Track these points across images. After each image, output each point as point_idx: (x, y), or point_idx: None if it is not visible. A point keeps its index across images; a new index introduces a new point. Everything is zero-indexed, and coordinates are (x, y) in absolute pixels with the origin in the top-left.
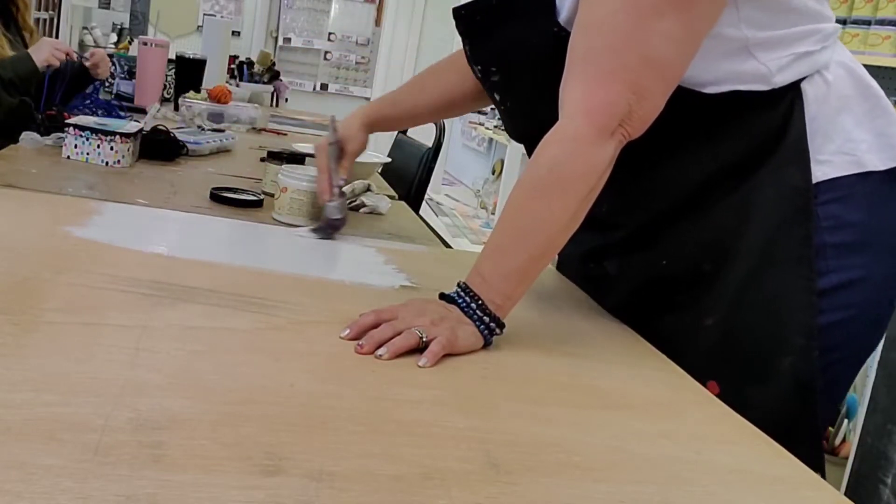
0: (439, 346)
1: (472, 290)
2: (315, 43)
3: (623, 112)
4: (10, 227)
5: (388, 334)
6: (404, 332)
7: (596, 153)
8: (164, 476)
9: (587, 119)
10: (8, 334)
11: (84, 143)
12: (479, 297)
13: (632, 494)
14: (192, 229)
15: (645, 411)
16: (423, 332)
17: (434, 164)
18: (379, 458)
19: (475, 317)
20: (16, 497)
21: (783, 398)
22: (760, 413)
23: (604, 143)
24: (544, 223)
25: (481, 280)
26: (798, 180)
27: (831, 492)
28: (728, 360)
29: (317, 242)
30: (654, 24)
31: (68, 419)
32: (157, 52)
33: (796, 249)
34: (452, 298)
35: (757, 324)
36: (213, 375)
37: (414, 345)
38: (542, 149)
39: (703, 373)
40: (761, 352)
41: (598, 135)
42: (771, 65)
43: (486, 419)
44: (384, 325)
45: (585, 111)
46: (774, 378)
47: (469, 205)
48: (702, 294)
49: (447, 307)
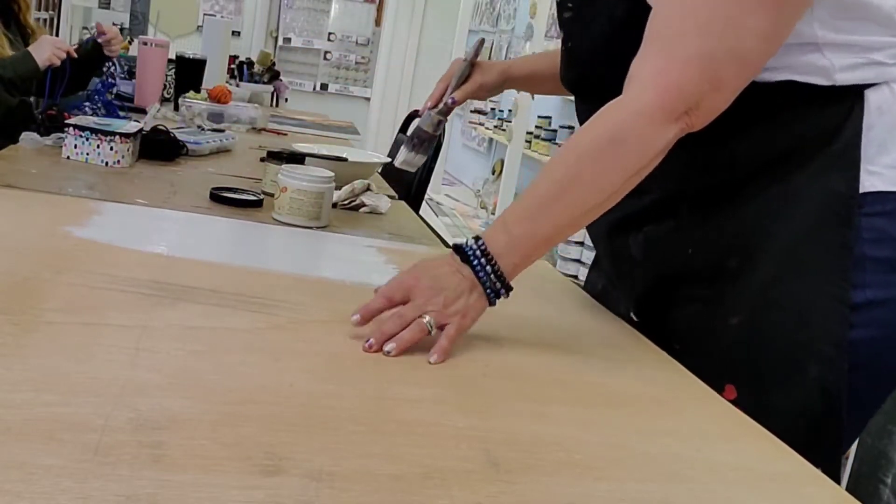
0: (449, 342)
1: (489, 252)
2: (315, 43)
3: (694, 100)
4: (10, 227)
5: (396, 328)
6: (412, 325)
7: (657, 133)
8: (164, 476)
9: (658, 97)
10: (8, 334)
11: (84, 143)
12: (494, 261)
13: (632, 493)
14: (192, 229)
15: (645, 409)
16: (433, 321)
17: (434, 164)
18: (379, 458)
19: (487, 282)
20: (16, 497)
21: (807, 407)
22: (782, 421)
23: (667, 125)
24: (590, 189)
25: (507, 239)
26: (841, 186)
27: (833, 488)
28: (750, 363)
29: (317, 242)
30: (747, 18)
31: (68, 419)
32: (157, 52)
33: (830, 256)
34: (466, 256)
35: (784, 328)
36: (213, 375)
37: (422, 338)
38: (603, 115)
39: (721, 373)
40: (786, 358)
41: (664, 115)
42: (836, 62)
43: (486, 418)
44: (393, 315)
45: (658, 88)
46: (799, 386)
47: (469, 205)
48: (726, 290)
49: (460, 270)
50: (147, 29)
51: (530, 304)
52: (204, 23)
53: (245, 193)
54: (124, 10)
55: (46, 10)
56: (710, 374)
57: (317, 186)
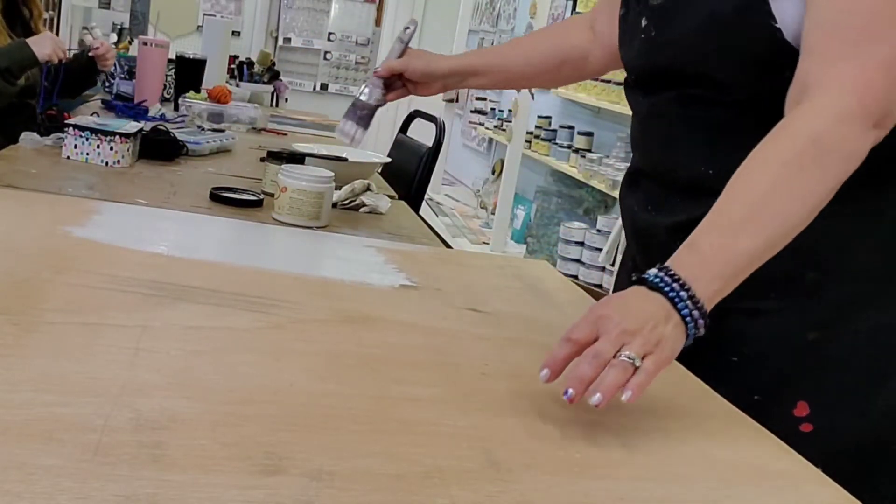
0: (648, 377)
1: (679, 277)
2: (315, 43)
3: (890, 108)
4: (10, 227)
5: (594, 370)
6: (613, 365)
7: (862, 139)
8: (164, 476)
9: (860, 102)
10: (8, 334)
11: (84, 143)
12: (688, 286)
13: (632, 491)
14: (192, 229)
15: (646, 408)
16: (633, 354)
17: (434, 163)
18: (379, 458)
19: (685, 311)
20: (16, 497)
21: (878, 427)
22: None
23: (868, 132)
24: (797, 201)
25: (699, 259)
26: None
27: (833, 487)
28: (828, 381)
29: (317, 242)
30: None
31: (68, 419)
32: (157, 52)
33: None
34: (655, 285)
35: (866, 348)
36: (213, 375)
37: (627, 378)
38: (798, 120)
39: (793, 389)
40: (865, 377)
41: (866, 121)
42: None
43: (486, 417)
44: (586, 356)
45: (858, 93)
46: (871, 410)
47: (469, 205)
48: (801, 304)
49: (652, 299)
50: (147, 29)
51: (530, 303)
52: (204, 23)
53: (245, 193)
54: (124, 10)
55: (46, 9)
56: (779, 388)
57: (317, 186)
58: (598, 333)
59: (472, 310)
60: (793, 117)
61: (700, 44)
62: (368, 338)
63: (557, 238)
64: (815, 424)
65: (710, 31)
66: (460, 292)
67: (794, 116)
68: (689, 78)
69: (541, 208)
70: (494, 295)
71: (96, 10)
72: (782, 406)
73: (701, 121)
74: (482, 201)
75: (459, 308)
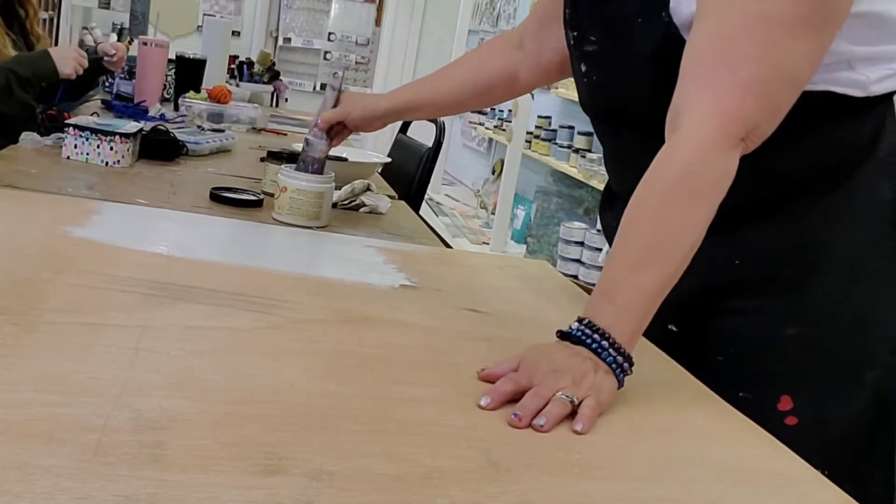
0: (592, 412)
1: (599, 327)
2: (315, 43)
3: (753, 125)
4: (10, 227)
5: (539, 404)
6: (555, 401)
7: (727, 162)
8: (164, 476)
9: (719, 127)
10: (8, 334)
11: (84, 143)
12: (609, 335)
13: (631, 492)
14: (192, 229)
15: (645, 408)
16: (572, 395)
17: (434, 163)
18: (379, 458)
19: (609, 359)
20: (16, 497)
21: (863, 414)
22: (838, 428)
23: (733, 152)
24: (683, 235)
25: (613, 309)
26: (888, 194)
27: (831, 488)
28: (808, 373)
29: (317, 242)
30: (793, 43)
31: (68, 419)
32: (157, 52)
33: (887, 264)
34: (579, 339)
35: (845, 338)
36: (213, 375)
37: (567, 413)
38: (668, 155)
39: (776, 384)
40: (844, 367)
41: (730, 143)
42: (871, 75)
43: (485, 418)
44: (530, 394)
45: (718, 118)
46: (856, 393)
47: (469, 205)
48: (780, 302)
49: (577, 352)
50: (147, 29)
51: (530, 303)
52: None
53: (245, 193)
54: (124, 10)
55: (46, 10)
56: (762, 385)
57: (317, 186)
58: (532, 384)
59: (472, 310)
60: (665, 151)
61: (636, 83)
62: (368, 338)
63: (557, 238)
64: (799, 417)
65: (641, 70)
66: (460, 292)
67: (666, 150)
68: (635, 114)
69: (541, 208)
70: (494, 295)
71: (96, 10)
72: (767, 402)
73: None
74: (482, 201)
75: (459, 308)
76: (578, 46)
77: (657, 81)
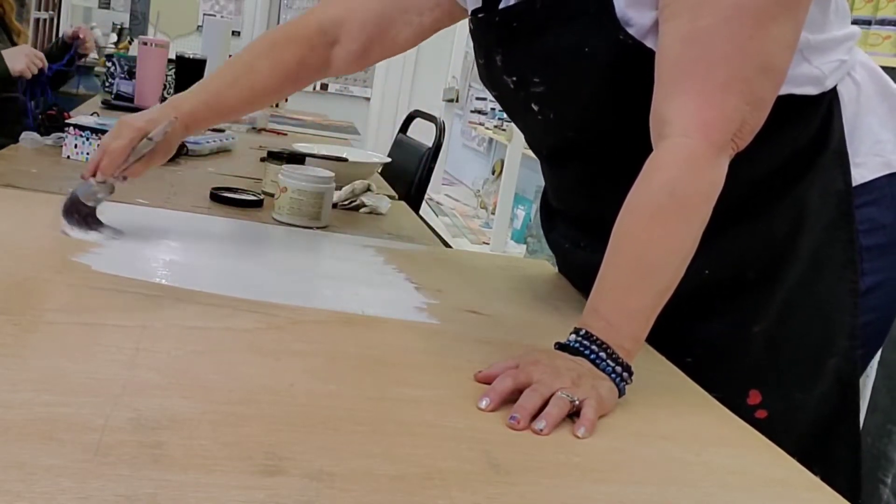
0: (593, 412)
1: (596, 338)
2: None
3: (738, 125)
4: (10, 227)
5: (537, 403)
6: (554, 400)
7: (715, 171)
8: (164, 476)
9: (704, 136)
10: (8, 334)
11: (84, 143)
12: (607, 346)
13: (631, 495)
14: (192, 229)
15: (645, 413)
16: (571, 395)
17: (434, 163)
18: (379, 458)
19: (608, 369)
20: (16, 497)
21: (827, 398)
22: (805, 415)
23: (720, 159)
24: (671, 253)
25: (606, 324)
26: (840, 184)
27: (830, 494)
28: (774, 366)
29: (317, 243)
30: (769, 30)
31: (68, 419)
32: (157, 52)
33: (842, 253)
34: (577, 350)
35: (806, 328)
36: (213, 375)
37: (567, 413)
38: (654, 172)
39: (746, 380)
40: (809, 355)
41: (715, 152)
42: (824, 68)
43: (486, 419)
44: (528, 392)
45: (701, 127)
46: (819, 380)
47: (469, 205)
48: (747, 301)
49: (575, 361)
50: (147, 29)
51: (530, 304)
52: (204, 23)
53: (245, 193)
54: (124, 10)
55: (46, 10)
56: (732, 383)
57: (317, 186)
58: (531, 383)
59: (472, 311)
60: (650, 168)
61: (598, 107)
62: (368, 338)
63: None
64: (768, 410)
65: (601, 92)
66: (460, 293)
67: (651, 167)
68: (596, 143)
69: None
70: (495, 296)
71: (96, 10)
72: (737, 398)
73: (619, 170)
74: (482, 201)
75: (460, 309)
76: (522, 89)
77: (621, 97)
